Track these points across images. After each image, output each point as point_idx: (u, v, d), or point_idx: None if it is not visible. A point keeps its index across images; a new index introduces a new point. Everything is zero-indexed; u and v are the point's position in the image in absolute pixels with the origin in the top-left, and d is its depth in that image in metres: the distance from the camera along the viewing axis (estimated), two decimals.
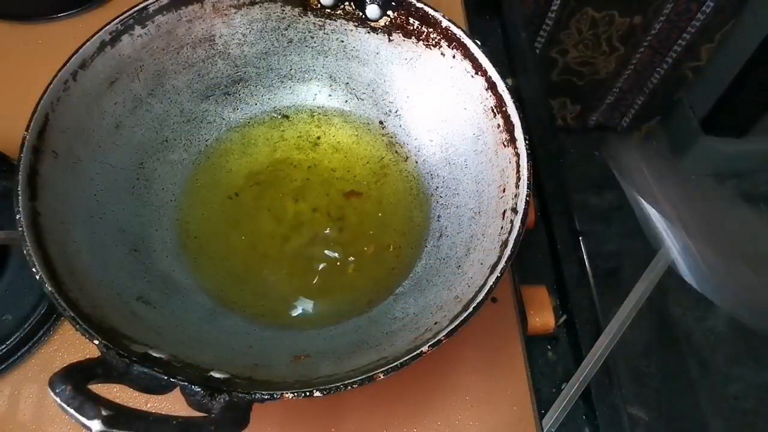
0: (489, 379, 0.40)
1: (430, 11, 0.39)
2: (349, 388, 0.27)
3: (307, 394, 0.27)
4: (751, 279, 0.37)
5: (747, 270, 0.37)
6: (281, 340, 0.36)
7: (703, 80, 1.15)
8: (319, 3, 0.42)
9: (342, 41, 0.43)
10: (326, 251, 0.40)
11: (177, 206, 0.41)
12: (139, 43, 0.39)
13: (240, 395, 0.27)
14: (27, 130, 0.33)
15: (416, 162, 0.43)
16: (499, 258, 0.32)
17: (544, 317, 0.42)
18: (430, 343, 0.29)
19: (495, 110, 0.37)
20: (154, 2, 0.38)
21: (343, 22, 0.42)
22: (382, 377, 0.27)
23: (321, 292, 0.39)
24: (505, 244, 0.32)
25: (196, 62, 0.42)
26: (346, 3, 0.42)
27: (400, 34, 0.41)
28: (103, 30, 0.37)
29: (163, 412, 0.25)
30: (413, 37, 0.41)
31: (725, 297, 0.39)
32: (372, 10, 0.41)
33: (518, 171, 0.34)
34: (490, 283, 0.31)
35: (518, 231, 0.32)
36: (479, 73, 0.38)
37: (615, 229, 1.16)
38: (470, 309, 0.30)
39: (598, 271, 0.46)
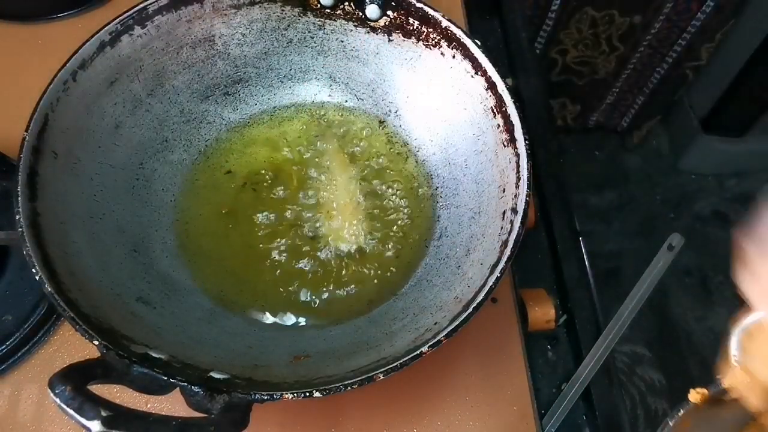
0: (489, 379, 0.40)
1: (430, 11, 0.39)
2: (349, 388, 0.27)
3: (307, 394, 0.27)
4: None
5: None
6: (281, 340, 0.36)
7: (703, 80, 1.15)
8: (319, 3, 0.42)
9: (342, 41, 0.43)
10: (326, 251, 0.40)
11: (176, 206, 0.41)
12: (139, 43, 0.39)
13: (239, 396, 0.27)
14: (27, 130, 0.33)
15: (416, 162, 0.43)
16: (499, 258, 0.32)
17: (544, 307, 0.42)
18: (429, 344, 0.29)
19: (495, 110, 0.37)
20: (153, 2, 0.38)
21: (343, 22, 0.42)
22: (381, 377, 0.28)
23: (321, 292, 0.39)
24: (505, 244, 0.32)
25: (196, 62, 0.42)
26: (346, 3, 0.42)
27: (400, 34, 0.41)
28: (102, 30, 0.37)
29: (162, 413, 0.25)
30: (413, 37, 0.41)
31: None
32: (372, 10, 0.41)
33: (518, 171, 0.34)
34: (490, 283, 0.31)
35: (518, 231, 0.32)
36: (479, 73, 0.38)
37: (615, 229, 1.16)
38: (470, 309, 0.30)
39: (598, 271, 0.46)
